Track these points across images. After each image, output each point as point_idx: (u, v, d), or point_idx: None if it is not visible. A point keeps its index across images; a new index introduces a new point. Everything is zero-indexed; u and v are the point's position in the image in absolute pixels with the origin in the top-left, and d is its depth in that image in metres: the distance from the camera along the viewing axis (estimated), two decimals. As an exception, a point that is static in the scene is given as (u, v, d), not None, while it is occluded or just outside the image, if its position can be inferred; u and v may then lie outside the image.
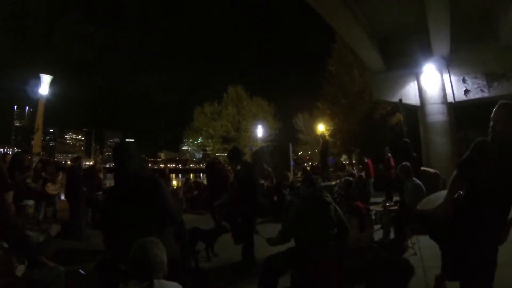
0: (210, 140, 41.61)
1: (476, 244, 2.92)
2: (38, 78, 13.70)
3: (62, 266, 3.70)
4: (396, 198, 9.17)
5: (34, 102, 14.74)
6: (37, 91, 13.71)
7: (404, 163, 6.20)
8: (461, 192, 3.15)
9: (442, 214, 3.15)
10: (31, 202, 8.37)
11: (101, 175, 10.68)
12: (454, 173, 3.12)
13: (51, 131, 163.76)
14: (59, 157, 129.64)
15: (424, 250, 5.45)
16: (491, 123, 3.03)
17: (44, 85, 13.64)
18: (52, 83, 14.12)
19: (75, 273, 3.95)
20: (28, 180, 8.74)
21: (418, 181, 5.92)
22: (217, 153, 37.24)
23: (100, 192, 9.45)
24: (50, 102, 15.34)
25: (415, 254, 5.47)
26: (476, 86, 11.87)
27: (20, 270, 3.54)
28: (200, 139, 43.69)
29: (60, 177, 9.38)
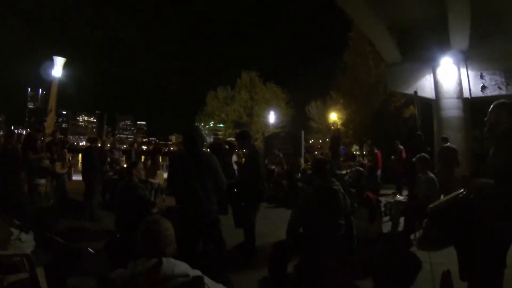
0: (222, 125, 41.76)
1: (487, 242, 2.90)
2: (52, 60, 13.78)
3: (72, 244, 3.76)
4: (405, 191, 9.17)
5: (47, 84, 14.82)
6: (51, 73, 13.80)
7: (423, 154, 6.13)
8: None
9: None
10: (43, 181, 8.49)
11: (117, 155, 10.82)
12: None
13: (64, 113, 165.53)
14: (71, 138, 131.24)
15: (431, 245, 5.46)
16: (490, 124, 3.05)
17: (58, 67, 13.73)
18: (66, 66, 14.21)
19: (84, 251, 3.99)
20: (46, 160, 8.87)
21: (432, 175, 5.87)
22: (229, 137, 37.24)
23: (111, 173, 9.57)
24: (63, 85, 15.47)
25: (423, 248, 5.47)
26: (493, 83, 11.71)
27: (29, 246, 3.60)
28: (211, 124, 43.89)
29: (67, 156, 9.44)
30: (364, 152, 31.15)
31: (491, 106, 3.05)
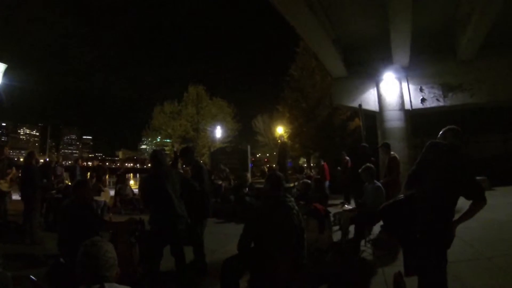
0: (169, 140, 40.98)
1: (426, 241, 3.09)
2: (-8, 66, 12.96)
3: (11, 271, 3.50)
4: (353, 200, 9.40)
5: (-15, 92, 13.92)
6: (-10, 81, 12.97)
7: (368, 165, 6.30)
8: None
9: None
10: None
11: (60, 172, 10.32)
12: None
13: (4, 125, 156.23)
14: (11, 153, 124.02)
15: (381, 250, 5.65)
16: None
17: (-2, 74, 12.93)
18: (7, 73, 13.42)
19: (25, 279, 3.73)
20: None
21: (378, 183, 6.06)
22: (175, 153, 36.27)
23: (54, 191, 9.07)
24: (3, 93, 14.60)
25: (373, 253, 5.63)
26: (432, 95, 12.45)
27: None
28: (158, 139, 42.93)
29: (12, 173, 8.79)
30: (312, 164, 31.71)
31: (440, 133, 3.37)
